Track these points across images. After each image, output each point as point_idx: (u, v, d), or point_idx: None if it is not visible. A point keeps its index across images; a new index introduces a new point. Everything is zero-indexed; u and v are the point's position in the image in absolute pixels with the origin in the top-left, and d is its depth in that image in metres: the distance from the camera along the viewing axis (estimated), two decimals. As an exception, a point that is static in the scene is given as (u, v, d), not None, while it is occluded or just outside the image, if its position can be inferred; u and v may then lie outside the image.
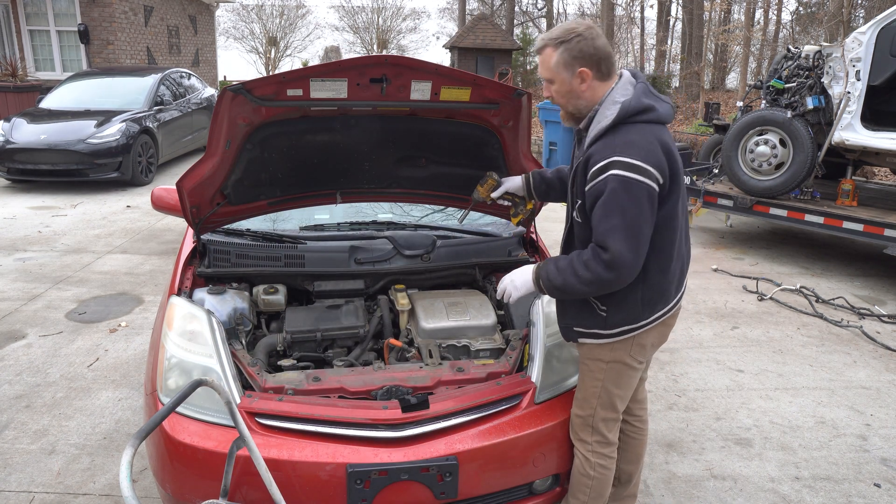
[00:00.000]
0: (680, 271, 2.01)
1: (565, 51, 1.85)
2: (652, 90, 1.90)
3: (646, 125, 1.82)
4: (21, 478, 2.73)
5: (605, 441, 2.11)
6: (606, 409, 2.08)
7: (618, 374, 2.04)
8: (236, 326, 2.45)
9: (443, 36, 27.26)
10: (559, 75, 1.89)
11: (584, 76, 1.86)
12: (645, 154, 1.75)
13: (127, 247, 5.97)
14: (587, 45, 1.84)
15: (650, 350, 2.06)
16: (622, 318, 1.95)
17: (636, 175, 1.73)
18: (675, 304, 2.04)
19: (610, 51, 1.87)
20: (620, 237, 1.75)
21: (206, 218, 2.65)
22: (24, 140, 7.95)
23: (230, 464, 1.71)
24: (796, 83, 5.79)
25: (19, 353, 3.83)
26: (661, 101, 1.88)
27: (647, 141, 1.77)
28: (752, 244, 6.66)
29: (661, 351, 4.10)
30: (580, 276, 1.83)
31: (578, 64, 1.85)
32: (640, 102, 1.81)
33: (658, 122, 1.85)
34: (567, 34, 1.85)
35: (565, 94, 1.92)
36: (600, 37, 1.86)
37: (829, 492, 2.80)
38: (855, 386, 3.74)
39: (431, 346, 2.43)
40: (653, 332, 2.01)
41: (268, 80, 2.19)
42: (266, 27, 24.67)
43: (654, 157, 1.76)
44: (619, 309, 1.94)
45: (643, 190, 1.74)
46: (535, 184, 2.40)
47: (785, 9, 23.10)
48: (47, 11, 13.51)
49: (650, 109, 1.83)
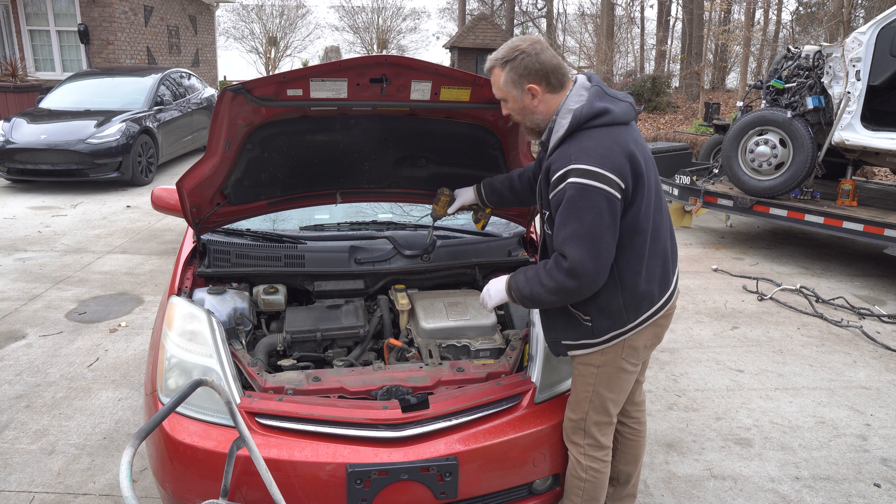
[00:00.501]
0: (662, 271, 1.96)
1: (511, 69, 1.88)
2: (608, 91, 1.88)
3: (603, 129, 1.80)
4: (21, 478, 2.73)
5: (597, 444, 2.10)
6: (598, 412, 2.07)
7: (609, 378, 2.03)
8: (236, 326, 2.45)
9: (443, 36, 27.28)
10: (510, 94, 1.92)
11: (534, 92, 1.89)
12: (601, 159, 1.73)
13: (127, 247, 5.97)
14: (532, 61, 1.86)
15: (644, 352, 2.04)
16: (608, 325, 1.94)
17: (593, 181, 1.73)
18: (665, 305, 2.00)
19: (557, 62, 1.88)
20: (579, 245, 1.75)
21: (206, 218, 2.65)
22: (24, 140, 7.95)
23: (230, 464, 1.71)
24: (796, 83, 5.79)
25: (19, 353, 3.83)
26: (617, 102, 1.86)
27: (603, 146, 1.76)
28: (752, 244, 6.66)
29: (661, 351, 4.10)
30: (545, 286, 1.84)
31: (526, 81, 1.88)
32: (593, 108, 1.80)
33: (617, 124, 1.83)
34: (511, 52, 1.87)
35: (520, 111, 1.95)
36: (545, 50, 1.88)
37: (829, 492, 2.80)
38: (855, 386, 3.74)
39: (431, 346, 2.43)
40: (644, 334, 2.00)
41: (268, 80, 2.19)
42: (266, 27, 24.68)
43: (611, 162, 1.74)
44: (602, 316, 1.93)
45: (601, 196, 1.73)
46: (487, 194, 2.46)
47: (785, 9, 23.11)
48: (47, 11, 13.51)
49: (604, 113, 1.81)
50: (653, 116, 15.07)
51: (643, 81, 15.87)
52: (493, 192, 2.44)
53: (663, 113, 15.48)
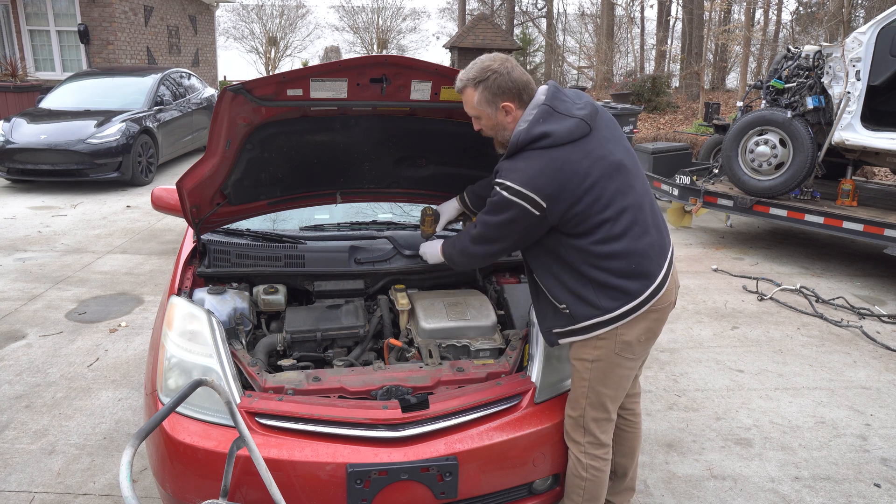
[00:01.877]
0: (637, 267, 1.95)
1: (485, 89, 1.94)
2: (558, 108, 1.92)
3: (538, 151, 1.88)
4: (21, 478, 2.73)
5: (597, 442, 2.11)
6: (596, 409, 2.08)
7: (604, 374, 2.04)
8: (236, 326, 2.45)
9: (443, 36, 27.27)
10: (484, 111, 1.99)
11: (508, 109, 1.96)
12: (526, 179, 1.86)
13: (127, 247, 5.97)
14: (504, 80, 1.93)
15: (639, 347, 2.03)
16: (586, 312, 1.98)
17: (513, 196, 1.88)
18: (650, 299, 1.97)
19: (527, 78, 1.96)
20: (480, 230, 2.02)
21: (206, 218, 2.65)
22: (24, 140, 7.95)
23: (230, 464, 1.71)
24: (796, 83, 5.78)
25: (19, 353, 3.83)
26: (564, 121, 1.90)
27: (533, 168, 1.87)
28: (752, 244, 6.66)
29: (661, 351, 4.11)
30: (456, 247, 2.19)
31: (500, 100, 1.95)
32: (530, 134, 1.89)
33: (557, 146, 1.87)
34: (483, 73, 1.93)
35: (493, 128, 2.03)
36: (515, 68, 1.95)
37: (829, 492, 2.80)
38: (855, 386, 3.74)
39: (431, 346, 2.43)
40: (635, 328, 1.99)
41: (268, 80, 2.19)
42: (266, 27, 24.68)
43: (534, 182, 1.85)
44: (576, 303, 1.99)
45: (513, 208, 1.89)
46: (472, 201, 2.52)
47: (785, 9, 23.12)
48: (47, 11, 13.51)
49: (542, 137, 1.88)
50: (653, 116, 15.07)
51: (643, 81, 15.87)
52: (478, 199, 2.49)
53: (663, 113, 15.48)
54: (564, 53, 25.81)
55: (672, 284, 2.07)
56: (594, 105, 1.98)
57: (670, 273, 2.05)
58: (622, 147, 2.00)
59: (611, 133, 1.99)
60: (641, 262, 1.95)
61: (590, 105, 1.96)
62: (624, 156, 1.98)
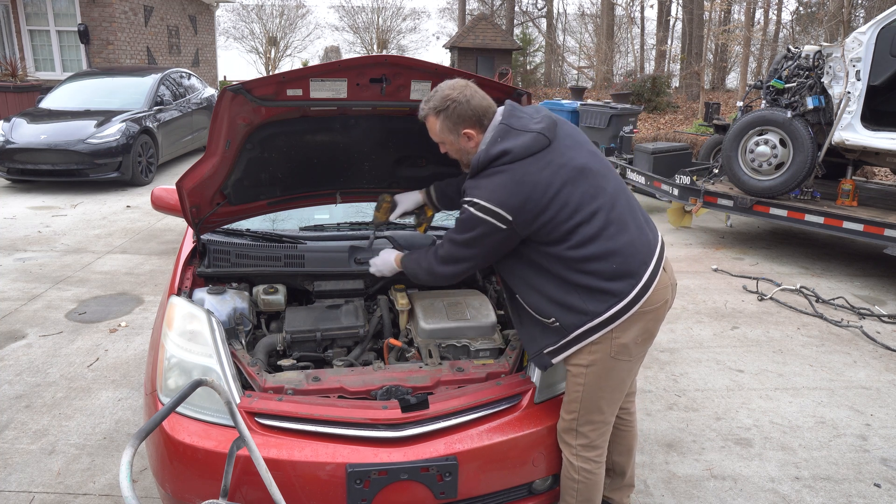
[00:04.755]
0: (618, 268, 1.93)
1: (445, 118, 2.01)
2: (514, 125, 1.96)
3: (500, 168, 1.92)
4: (21, 478, 2.73)
5: (589, 445, 2.10)
6: (592, 412, 2.07)
7: (600, 377, 2.02)
8: (236, 326, 2.45)
9: (443, 36, 27.28)
10: (447, 138, 2.06)
11: (470, 136, 2.02)
12: (489, 194, 1.91)
13: (127, 247, 5.98)
14: (464, 109, 1.99)
15: (636, 348, 2.02)
16: (575, 320, 1.97)
17: (479, 213, 1.92)
18: (639, 299, 1.95)
19: (487, 103, 2.02)
20: (447, 250, 2.06)
21: (206, 218, 2.65)
22: (24, 140, 7.95)
23: (230, 464, 1.71)
24: (796, 83, 5.78)
25: (19, 353, 3.83)
26: (521, 136, 1.94)
27: (494, 183, 1.92)
28: (752, 244, 6.66)
29: (661, 351, 4.11)
30: (421, 265, 2.20)
31: (461, 127, 2.02)
32: (489, 155, 1.94)
33: (518, 160, 1.92)
34: (443, 102, 1.99)
35: (458, 152, 2.10)
36: (475, 95, 2.00)
37: (829, 492, 2.80)
38: (855, 386, 3.74)
39: (431, 346, 2.43)
40: (631, 329, 1.98)
41: (268, 80, 2.19)
42: (266, 27, 24.68)
43: (498, 197, 1.90)
44: (563, 313, 1.98)
45: (481, 224, 1.93)
46: (438, 197, 2.56)
47: (785, 9, 23.12)
48: (47, 11, 13.51)
49: (501, 156, 1.93)
50: (653, 116, 15.08)
51: (643, 81, 15.87)
52: (444, 196, 2.54)
53: (663, 113, 15.48)
54: (564, 53, 25.82)
55: (664, 282, 2.03)
56: (551, 117, 2.03)
57: (659, 270, 2.01)
58: (586, 151, 2.03)
59: (572, 141, 2.03)
60: (623, 261, 1.95)
61: (547, 118, 2.02)
62: (588, 160, 2.01)
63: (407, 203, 2.61)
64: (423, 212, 2.61)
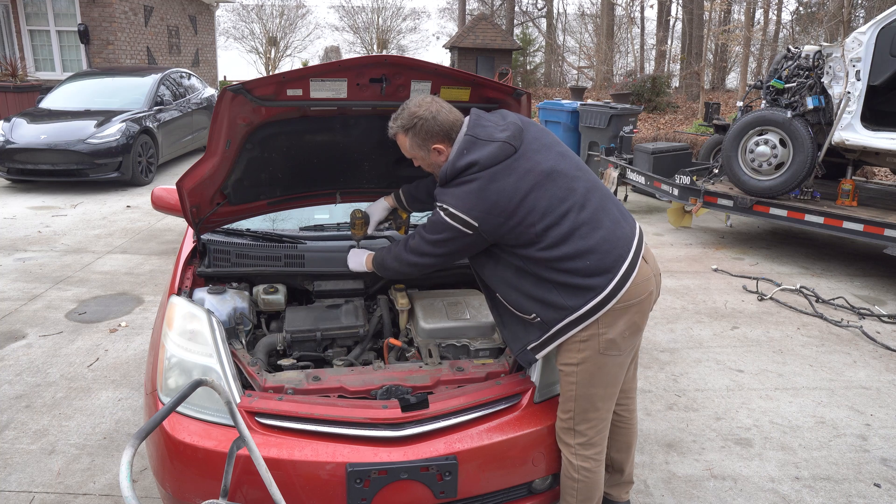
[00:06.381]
0: (593, 264, 1.94)
1: (414, 136, 2.06)
2: (480, 136, 2.00)
3: (468, 178, 1.97)
4: (21, 478, 2.73)
5: (588, 443, 2.10)
6: (587, 409, 2.07)
7: (591, 374, 2.03)
8: (236, 326, 2.45)
9: (443, 36, 27.28)
10: (418, 154, 2.11)
11: (440, 150, 2.06)
12: (457, 201, 1.97)
13: (127, 247, 5.98)
14: (430, 125, 2.03)
15: (624, 342, 2.02)
16: (556, 315, 1.99)
17: (447, 218, 1.99)
18: (617, 292, 1.95)
19: (454, 118, 2.06)
20: (417, 242, 2.11)
21: (206, 218, 2.65)
22: (24, 140, 7.95)
23: (230, 463, 1.71)
24: (796, 83, 5.78)
25: (19, 353, 3.83)
26: (486, 147, 1.97)
27: (463, 191, 1.97)
28: (752, 244, 6.66)
29: (661, 351, 4.11)
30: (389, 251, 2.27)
31: (430, 143, 2.06)
32: (455, 168, 2.00)
33: (484, 170, 1.95)
34: (410, 120, 2.04)
35: (430, 166, 2.15)
36: (441, 111, 2.04)
37: (829, 492, 2.80)
38: (855, 386, 3.74)
39: (431, 345, 2.44)
40: (617, 324, 1.98)
41: (268, 80, 2.19)
42: (266, 27, 24.68)
43: (465, 204, 1.96)
44: (543, 309, 2.01)
45: (448, 229, 2.00)
46: (408, 201, 2.58)
47: (785, 9, 23.12)
48: (47, 11, 13.51)
49: (468, 168, 1.97)
50: (653, 116, 15.08)
51: (643, 81, 15.87)
52: (414, 200, 2.56)
53: (663, 113, 15.48)
54: (564, 53, 25.82)
55: (645, 273, 2.02)
56: (517, 124, 2.06)
57: (638, 261, 2.01)
58: (554, 154, 2.05)
59: (539, 144, 2.05)
60: (599, 257, 1.96)
61: (513, 125, 2.04)
62: (556, 162, 2.02)
63: (378, 213, 2.62)
64: (398, 215, 2.62)
